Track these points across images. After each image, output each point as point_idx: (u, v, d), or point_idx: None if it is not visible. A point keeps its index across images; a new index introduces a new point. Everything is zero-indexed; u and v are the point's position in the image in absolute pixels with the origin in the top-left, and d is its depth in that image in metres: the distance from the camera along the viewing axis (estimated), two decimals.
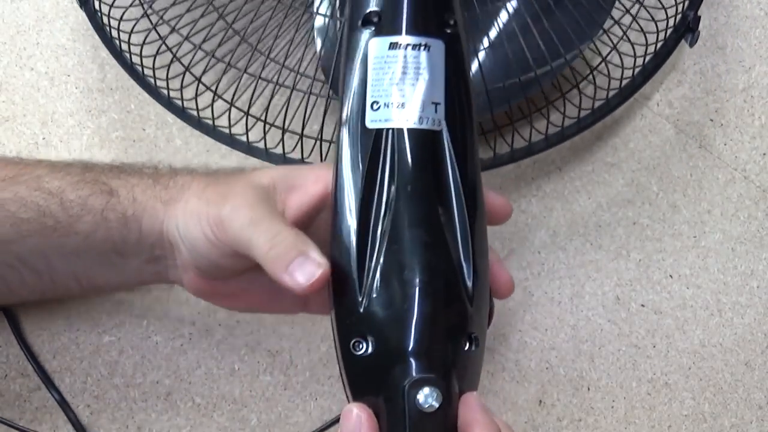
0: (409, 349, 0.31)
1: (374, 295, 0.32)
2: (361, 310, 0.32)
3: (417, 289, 0.31)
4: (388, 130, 0.32)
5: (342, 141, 0.33)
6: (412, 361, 0.31)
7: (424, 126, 0.32)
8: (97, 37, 0.49)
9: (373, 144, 0.32)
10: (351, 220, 0.32)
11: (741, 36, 0.50)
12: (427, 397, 0.30)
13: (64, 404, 0.44)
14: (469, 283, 0.32)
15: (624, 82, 0.45)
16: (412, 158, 0.32)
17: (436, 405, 0.30)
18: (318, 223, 0.36)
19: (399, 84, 0.32)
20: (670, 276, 0.47)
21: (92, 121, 0.48)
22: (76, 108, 0.48)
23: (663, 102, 0.49)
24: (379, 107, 0.33)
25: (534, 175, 0.49)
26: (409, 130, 0.32)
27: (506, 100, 0.43)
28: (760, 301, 0.47)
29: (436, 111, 0.33)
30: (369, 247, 0.32)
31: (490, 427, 0.30)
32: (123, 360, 0.45)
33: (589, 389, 0.46)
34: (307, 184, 0.35)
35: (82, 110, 0.48)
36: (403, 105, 0.32)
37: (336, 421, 0.42)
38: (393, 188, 0.32)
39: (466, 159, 0.33)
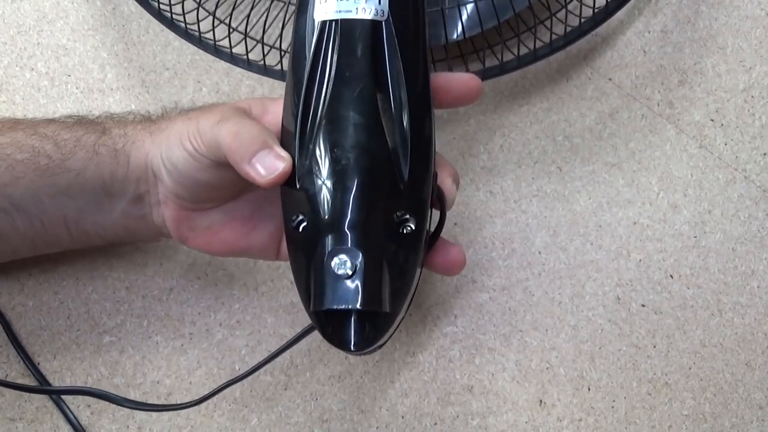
0: (333, 222, 0.33)
1: (307, 174, 0.34)
2: (298, 186, 0.34)
3: (343, 165, 0.33)
4: (332, 21, 0.34)
5: (294, 35, 0.35)
6: (335, 233, 0.33)
7: (366, 16, 0.34)
8: (98, 37, 0.49)
9: (318, 35, 0.34)
10: (296, 107, 0.34)
11: (741, 36, 0.50)
12: (338, 265, 0.33)
13: (64, 404, 0.44)
14: (405, 166, 0.34)
15: (596, 9, 0.45)
16: (352, 47, 0.34)
17: (349, 272, 0.32)
18: None
19: None
20: (671, 276, 0.47)
21: None
22: (77, 108, 0.48)
23: (663, 102, 0.49)
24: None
25: (534, 175, 0.48)
26: (351, 20, 0.34)
27: (479, 23, 0.44)
28: (761, 302, 0.46)
29: (380, 2, 0.34)
30: (308, 130, 0.34)
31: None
32: (123, 360, 0.45)
33: (589, 389, 0.46)
34: (278, 110, 0.37)
35: (83, 110, 0.48)
36: None
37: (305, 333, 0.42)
38: (333, 75, 0.34)
39: (411, 48, 0.34)
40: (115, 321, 0.45)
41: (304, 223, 0.34)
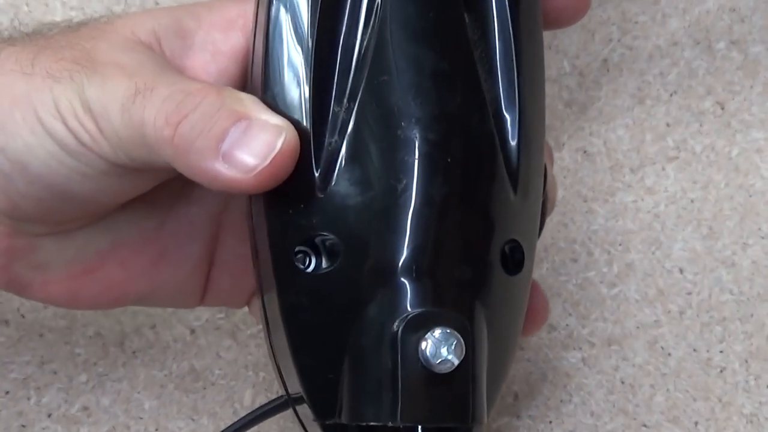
0: (401, 262, 0.24)
1: (343, 167, 0.25)
2: (320, 193, 0.25)
3: (417, 155, 0.25)
4: None
5: None
6: (407, 283, 0.24)
7: None
8: None
9: None
10: (301, 30, 0.25)
11: None
12: (438, 345, 0.23)
13: None
14: (514, 148, 0.26)
15: None
16: None
17: (456, 361, 0.23)
18: None
19: None
20: None
21: None
22: None
23: None
24: None
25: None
26: None
27: None
28: None
29: None
30: (336, 81, 0.25)
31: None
32: None
33: None
34: (215, 37, 0.28)
35: None
36: None
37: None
38: None
39: None
40: None
41: (331, 260, 0.25)
